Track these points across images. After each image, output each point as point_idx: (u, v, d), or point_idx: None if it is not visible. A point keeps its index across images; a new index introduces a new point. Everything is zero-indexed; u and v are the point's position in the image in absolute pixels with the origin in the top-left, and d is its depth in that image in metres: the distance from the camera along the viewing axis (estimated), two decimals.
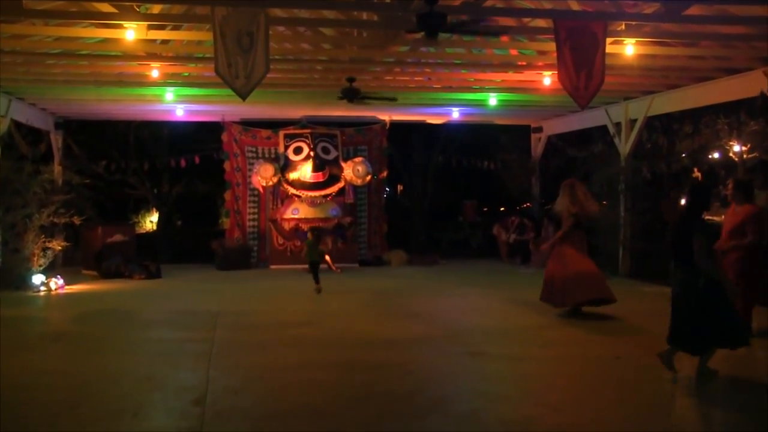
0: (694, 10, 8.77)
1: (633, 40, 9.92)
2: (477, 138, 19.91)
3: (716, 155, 13.57)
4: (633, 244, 14.08)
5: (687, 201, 6.82)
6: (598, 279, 9.81)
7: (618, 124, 14.74)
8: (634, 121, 14.29)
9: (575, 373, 7.07)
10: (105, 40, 10.15)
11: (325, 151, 16.14)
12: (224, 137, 16.85)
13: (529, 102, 15.33)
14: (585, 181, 11.38)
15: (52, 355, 7.79)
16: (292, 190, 15.78)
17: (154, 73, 11.66)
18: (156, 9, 9.32)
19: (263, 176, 15.47)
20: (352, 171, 15.77)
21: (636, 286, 12.89)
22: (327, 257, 15.28)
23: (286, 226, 15.67)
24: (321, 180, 15.70)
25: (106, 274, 14.25)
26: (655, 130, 15.04)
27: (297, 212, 15.69)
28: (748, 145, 11.99)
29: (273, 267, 15.96)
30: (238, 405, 5.98)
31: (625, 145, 14.49)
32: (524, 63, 11.98)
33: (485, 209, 22.25)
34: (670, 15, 8.98)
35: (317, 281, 12.12)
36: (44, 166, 13.78)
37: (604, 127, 15.35)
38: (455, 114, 16.84)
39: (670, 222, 8.02)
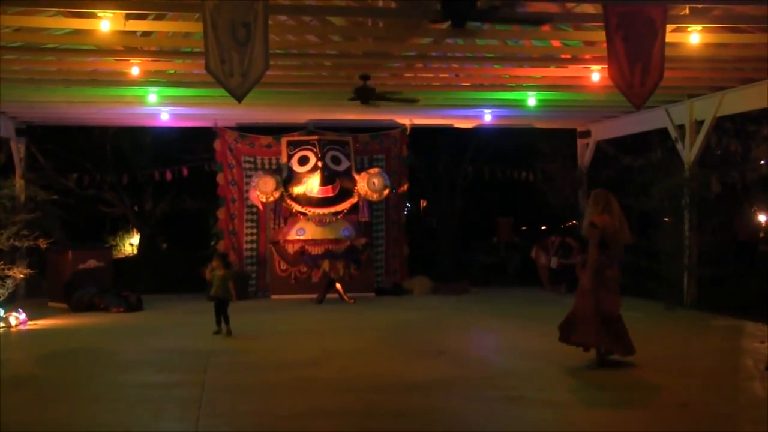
0: None
1: (699, 27, 9.86)
2: (513, 145, 19.87)
3: None
4: (700, 269, 13.96)
5: None
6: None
7: (681, 127, 14.65)
8: (701, 122, 14.19)
9: (634, 424, 6.96)
10: (75, 32, 10.20)
11: (336, 161, 16.17)
12: (217, 145, 16.93)
13: (575, 102, 15.31)
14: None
15: (11, 404, 7.74)
16: (296, 207, 15.81)
17: (134, 71, 11.73)
18: None
19: (263, 191, 15.51)
20: (367, 184, 15.78)
21: (704, 319, 12.75)
22: (338, 285, 15.38)
23: (290, 249, 15.67)
24: (330, 195, 15.72)
25: (77, 307, 14.28)
26: (727, 133, 14.94)
27: (302, 233, 15.70)
28: None
29: (274, 297, 16.01)
30: None
31: (689, 152, 14.39)
32: (569, 56, 11.95)
33: (523, 228, 22.18)
34: None
35: (220, 322, 11.60)
36: (4, 179, 13.87)
37: (664, 131, 15.27)
38: (487, 117, 16.82)
39: None
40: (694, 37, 10.00)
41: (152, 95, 13.77)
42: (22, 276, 13.59)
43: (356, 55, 11.66)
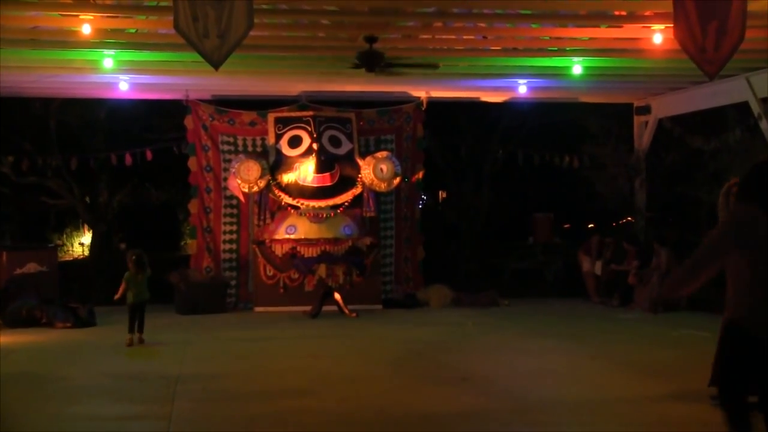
0: None
1: None
2: (554, 123, 19.88)
3: None
4: None
5: None
6: None
7: (765, 101, 14.61)
8: None
9: None
10: None
11: (335, 142, 16.18)
12: (188, 123, 16.93)
13: (631, 70, 15.32)
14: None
15: None
16: (286, 199, 15.83)
17: (85, 29, 11.65)
18: None
19: (245, 179, 15.51)
20: (374, 171, 15.78)
21: None
22: (337, 296, 15.37)
23: (278, 250, 15.70)
24: (328, 184, 15.75)
25: (12, 322, 14.28)
26: None
27: (294, 230, 15.72)
28: None
29: (258, 309, 16.03)
30: None
31: None
32: (624, 12, 11.93)
33: (566, 226, 22.15)
34: None
35: (133, 330, 12.46)
36: None
37: (744, 105, 15.23)
38: (522, 89, 16.82)
39: None
40: None
41: (108, 60, 13.73)
42: None
43: (360, 12, 11.65)
